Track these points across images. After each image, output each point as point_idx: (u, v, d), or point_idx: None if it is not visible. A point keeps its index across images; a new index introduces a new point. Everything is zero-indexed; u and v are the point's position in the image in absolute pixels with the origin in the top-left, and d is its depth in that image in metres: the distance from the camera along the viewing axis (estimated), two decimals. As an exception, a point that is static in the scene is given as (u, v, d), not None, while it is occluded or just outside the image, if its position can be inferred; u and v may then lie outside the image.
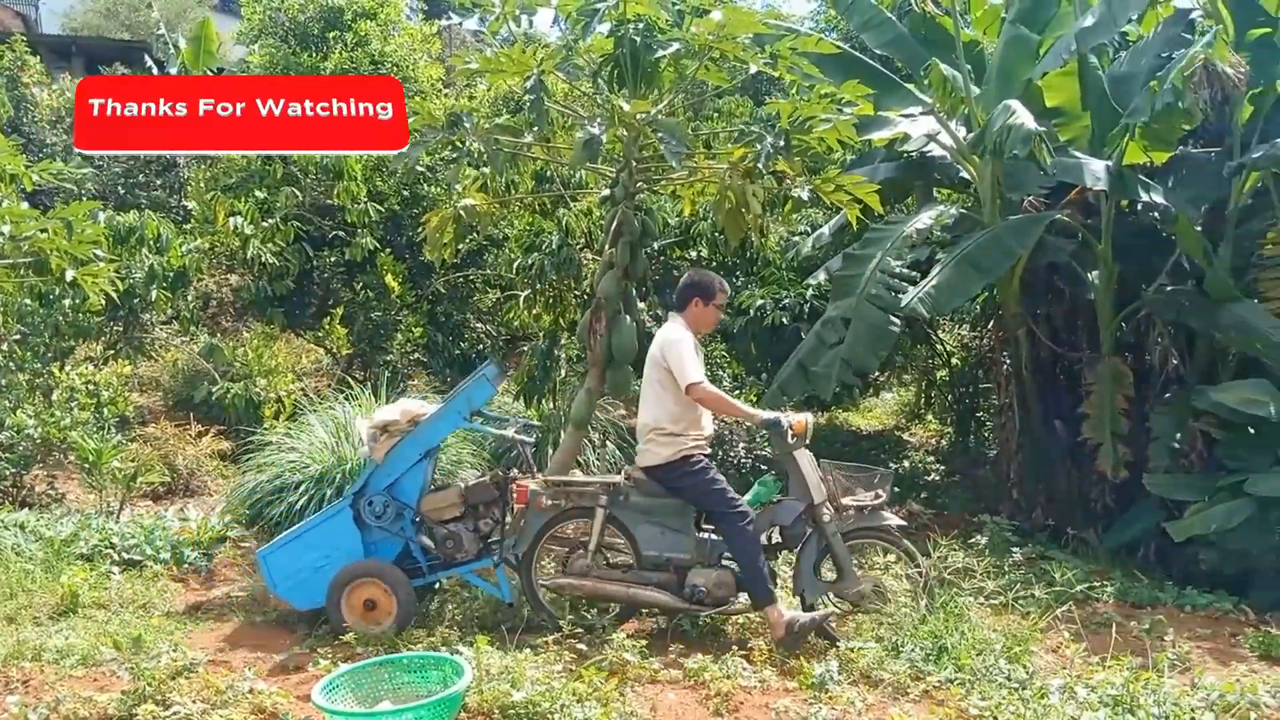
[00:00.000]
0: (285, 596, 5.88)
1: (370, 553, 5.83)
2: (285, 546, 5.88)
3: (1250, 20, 7.59)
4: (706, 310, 5.70)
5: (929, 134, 8.48)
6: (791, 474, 5.56)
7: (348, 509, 5.84)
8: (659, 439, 5.52)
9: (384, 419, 5.90)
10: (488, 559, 5.86)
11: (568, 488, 5.85)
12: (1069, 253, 8.28)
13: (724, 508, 5.45)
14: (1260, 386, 7.02)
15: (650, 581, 5.61)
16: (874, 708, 4.60)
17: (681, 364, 5.38)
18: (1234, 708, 4.49)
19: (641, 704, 4.60)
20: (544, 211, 9.72)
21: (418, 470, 5.85)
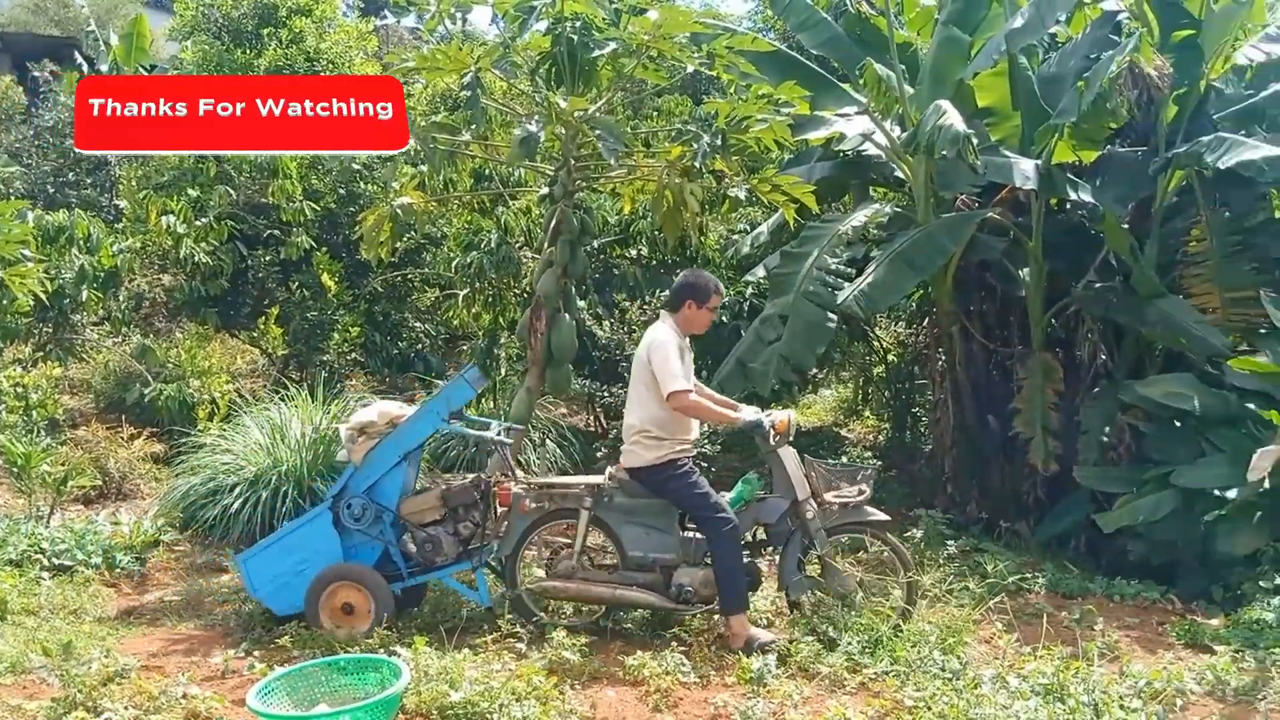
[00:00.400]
0: (265, 601, 5.79)
1: (350, 556, 5.76)
2: (265, 551, 5.80)
3: (1174, 22, 7.78)
4: (700, 313, 5.62)
5: (864, 133, 8.57)
6: (775, 471, 5.57)
7: (327, 512, 5.77)
8: (645, 441, 5.47)
9: (361, 421, 5.83)
10: (467, 563, 5.81)
11: (551, 490, 5.81)
12: (1000, 250, 8.42)
13: (708, 512, 5.41)
14: (1184, 380, 7.21)
15: (636, 582, 5.59)
16: (811, 700, 4.65)
17: (665, 370, 5.32)
18: (1161, 694, 4.61)
19: (581, 702, 4.61)
20: (483, 210, 9.67)
21: (397, 472, 5.79)
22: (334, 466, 7.70)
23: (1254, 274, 7.53)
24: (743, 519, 5.54)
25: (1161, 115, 7.85)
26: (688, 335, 5.65)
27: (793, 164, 9.47)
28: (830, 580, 5.56)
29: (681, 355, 5.44)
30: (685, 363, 5.47)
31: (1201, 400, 6.97)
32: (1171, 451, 7.10)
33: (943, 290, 8.67)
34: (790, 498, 5.51)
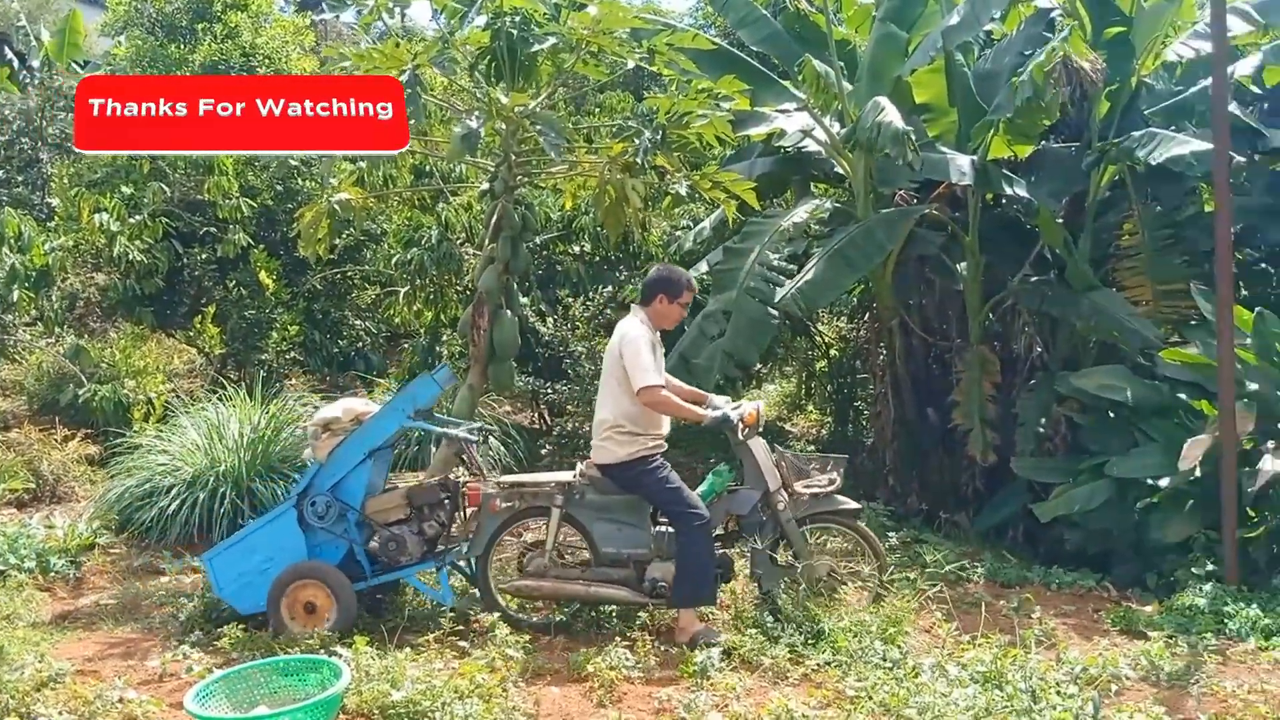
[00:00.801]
0: (230, 600, 5.69)
1: (314, 555, 5.68)
2: (230, 549, 5.71)
3: (1106, 19, 7.91)
4: (671, 307, 5.59)
5: (804, 129, 8.62)
6: (745, 463, 5.59)
7: (291, 510, 5.69)
8: (617, 437, 5.44)
9: (326, 417, 5.77)
10: (431, 562, 5.76)
11: (522, 488, 5.76)
12: (939, 245, 8.51)
13: (680, 507, 5.40)
14: (1117, 372, 7.35)
15: (609, 578, 5.57)
16: (754, 692, 4.68)
17: (636, 365, 5.29)
18: (1096, 680, 4.69)
19: (524, 699, 4.59)
20: (423, 206, 9.62)
21: (362, 470, 5.72)
22: (273, 467, 7.63)
23: (1184, 267, 7.69)
24: (715, 511, 5.55)
25: (1094, 111, 8.00)
26: (658, 330, 5.63)
27: (734, 160, 9.51)
28: (802, 570, 5.57)
29: (653, 350, 5.42)
30: (656, 357, 5.45)
31: (1134, 391, 7.11)
32: (1106, 442, 7.24)
33: (882, 285, 8.76)
34: (761, 489, 5.53)
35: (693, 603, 5.39)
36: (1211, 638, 5.43)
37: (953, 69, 8.18)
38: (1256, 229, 8.18)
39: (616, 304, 9.70)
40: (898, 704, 4.25)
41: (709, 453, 9.24)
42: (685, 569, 5.36)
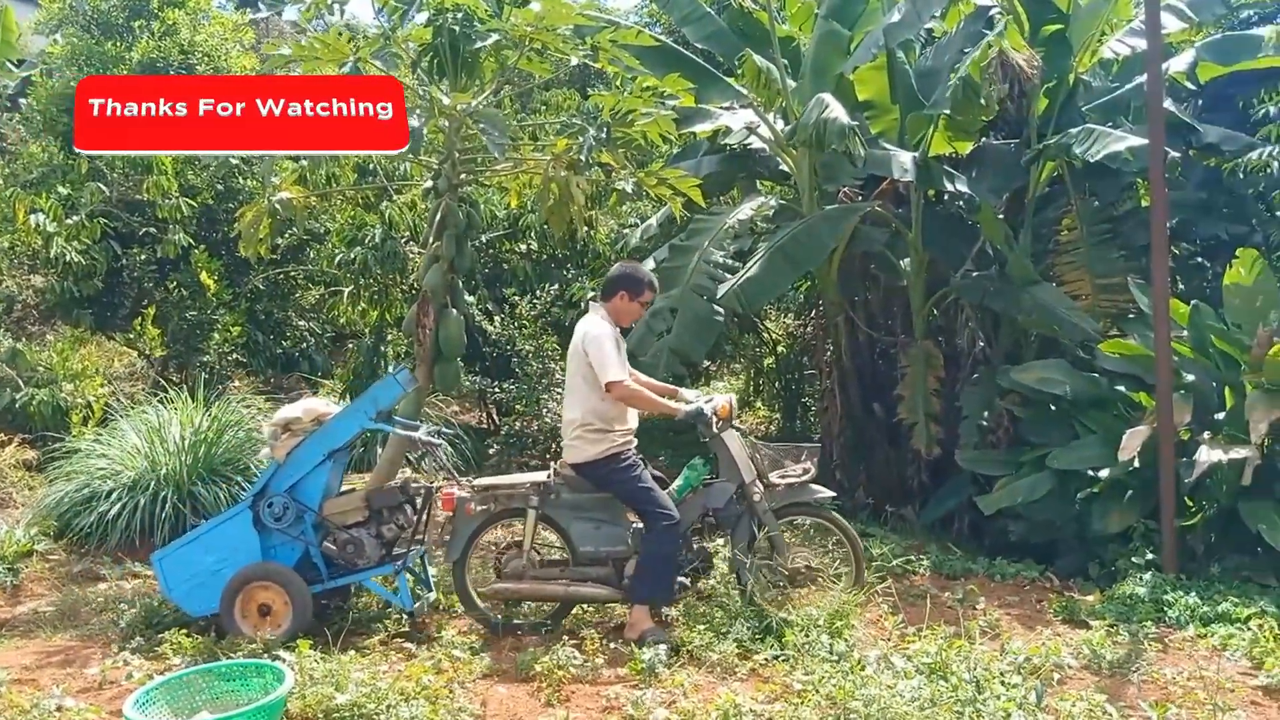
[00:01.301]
0: (180, 602, 5.62)
1: (269, 557, 5.62)
2: (181, 549, 5.63)
3: (1043, 16, 8.01)
4: (631, 305, 5.60)
5: (749, 126, 8.65)
6: (720, 456, 5.58)
7: (247, 510, 5.62)
8: (587, 435, 5.42)
9: (286, 417, 5.70)
10: (389, 566, 5.69)
11: (496, 490, 5.71)
12: (883, 242, 8.58)
13: (650, 505, 5.38)
14: (1056, 366, 7.45)
15: (588, 577, 5.57)
16: (703, 689, 4.68)
17: (602, 361, 5.28)
18: (1039, 669, 4.75)
19: (471, 700, 4.56)
20: (367, 205, 9.53)
21: (321, 472, 5.66)
22: (215, 469, 7.52)
23: (1122, 261, 7.82)
24: (691, 505, 5.55)
25: (1032, 108, 8.10)
26: (618, 327, 5.61)
27: (680, 158, 9.53)
28: (780, 560, 5.58)
29: (617, 345, 5.42)
30: (620, 352, 5.44)
31: (1073, 384, 7.21)
32: (1047, 434, 7.34)
33: (828, 282, 8.81)
34: (737, 481, 5.53)
35: (649, 600, 5.38)
36: (1151, 626, 5.54)
37: (894, 66, 8.24)
38: (1192, 223, 8.33)
39: (564, 302, 9.69)
40: (844, 696, 4.27)
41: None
42: (645, 566, 5.36)
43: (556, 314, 9.55)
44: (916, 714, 4.12)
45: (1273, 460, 6.23)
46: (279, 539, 5.64)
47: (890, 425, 8.52)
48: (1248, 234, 7.97)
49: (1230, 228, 8.08)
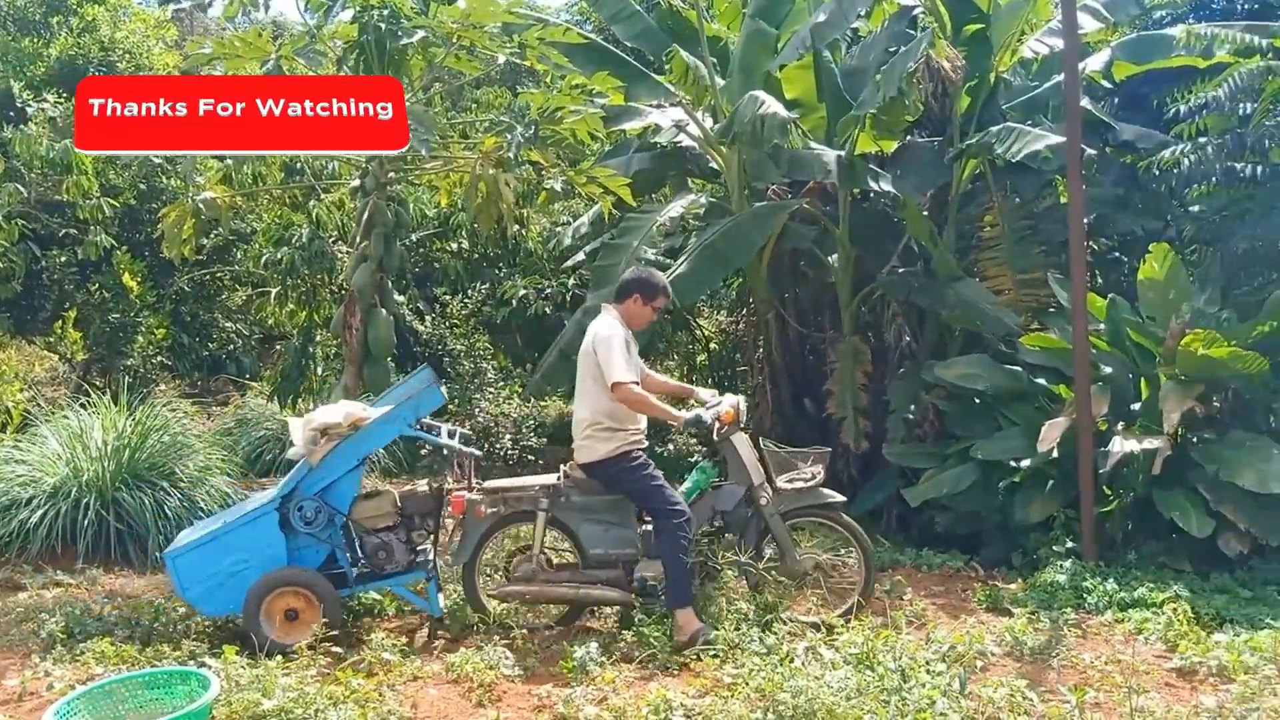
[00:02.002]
0: (195, 602, 5.48)
1: (294, 560, 5.49)
2: (199, 549, 5.45)
3: (965, 17, 8.15)
4: (644, 309, 5.56)
5: (678, 124, 8.69)
6: (729, 459, 5.57)
7: (274, 512, 5.46)
8: (598, 434, 5.40)
9: (325, 421, 5.55)
10: (419, 572, 5.61)
11: (506, 493, 5.65)
12: (811, 238, 8.67)
13: (662, 505, 5.36)
14: (980, 361, 7.60)
15: (598, 579, 5.54)
16: (634, 685, 4.71)
17: (610, 362, 5.25)
18: (963, 657, 4.85)
19: (401, 702, 4.54)
20: (294, 204, 9.41)
21: (354, 476, 5.58)
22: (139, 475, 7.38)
23: (1042, 256, 8.00)
24: (700, 507, 5.54)
25: (955, 106, 8.24)
26: (629, 329, 5.57)
27: (611, 156, 9.54)
28: (787, 563, 5.58)
29: (627, 347, 5.38)
30: (631, 355, 5.42)
31: (995, 378, 7.37)
32: (971, 427, 7.48)
33: (758, 279, 8.89)
34: (745, 484, 5.53)
35: (684, 600, 5.30)
36: (1071, 612, 5.67)
37: (820, 65, 8.34)
38: (1109, 219, 8.53)
39: (495, 301, 9.66)
40: (773, 689, 4.32)
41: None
42: (672, 570, 5.30)
43: (488, 313, 9.53)
44: (843, 704, 4.17)
45: (1185, 449, 6.41)
46: (304, 541, 5.53)
47: (820, 420, 8.62)
48: (1162, 229, 8.19)
49: (1145, 223, 8.29)
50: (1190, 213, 8.05)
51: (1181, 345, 6.29)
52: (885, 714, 4.13)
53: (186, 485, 7.46)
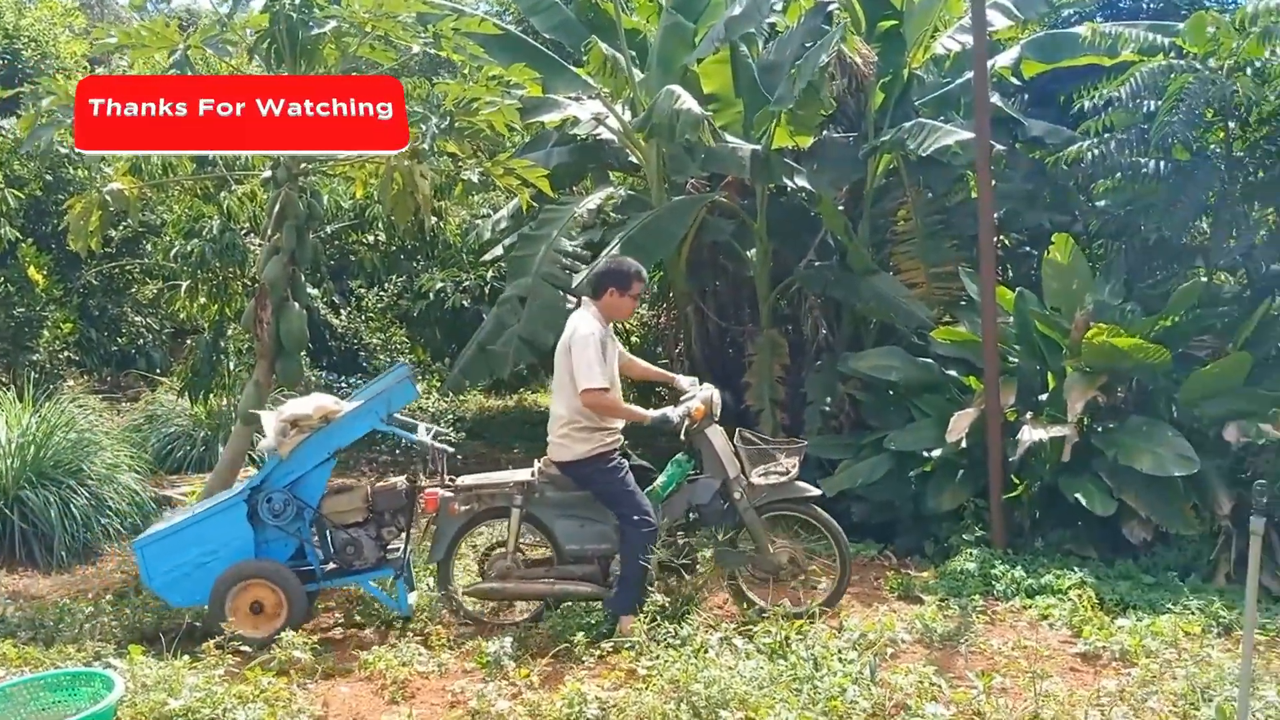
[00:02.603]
0: (160, 591, 5.44)
1: (262, 552, 5.46)
2: (166, 538, 5.44)
3: (878, 14, 8.28)
4: (623, 300, 5.48)
5: (597, 117, 8.69)
6: (704, 453, 5.55)
7: (242, 504, 5.45)
8: (575, 433, 5.34)
9: (295, 413, 5.49)
10: (387, 569, 5.57)
11: (480, 490, 5.58)
12: (730, 232, 8.74)
13: (630, 510, 5.32)
14: (893, 353, 7.72)
15: (573, 575, 5.52)
16: (550, 679, 4.70)
17: (580, 366, 5.18)
18: (874, 644, 4.92)
19: (312, 701, 4.49)
20: (205, 196, 9.21)
21: (324, 470, 5.54)
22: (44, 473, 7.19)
23: (954, 250, 8.15)
24: (675, 501, 5.53)
25: (870, 102, 8.35)
26: (611, 323, 5.53)
27: (531, 148, 9.50)
28: (762, 556, 5.59)
29: (603, 347, 5.28)
30: (609, 355, 5.32)
31: (907, 370, 7.49)
32: (885, 418, 7.60)
33: (677, 272, 8.92)
34: (721, 477, 5.51)
35: (632, 610, 5.26)
36: (980, 599, 5.79)
37: (737, 60, 8.39)
38: (1018, 213, 8.69)
39: (413, 294, 9.56)
40: (687, 679, 4.34)
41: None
42: (627, 576, 5.30)
43: (405, 306, 9.42)
44: (755, 693, 4.22)
45: (1089, 438, 6.57)
46: (273, 534, 5.50)
47: (739, 412, 8.66)
48: (1070, 223, 8.37)
49: (1054, 217, 8.46)
50: (1096, 207, 8.24)
51: (1086, 338, 6.45)
52: (797, 702, 4.18)
53: (94, 483, 7.31)
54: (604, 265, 5.71)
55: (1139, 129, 7.24)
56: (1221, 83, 6.79)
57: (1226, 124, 7.29)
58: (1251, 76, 6.84)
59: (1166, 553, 6.33)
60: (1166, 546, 6.37)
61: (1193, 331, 6.89)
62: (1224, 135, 7.36)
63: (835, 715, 4.11)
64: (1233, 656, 4.67)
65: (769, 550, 5.59)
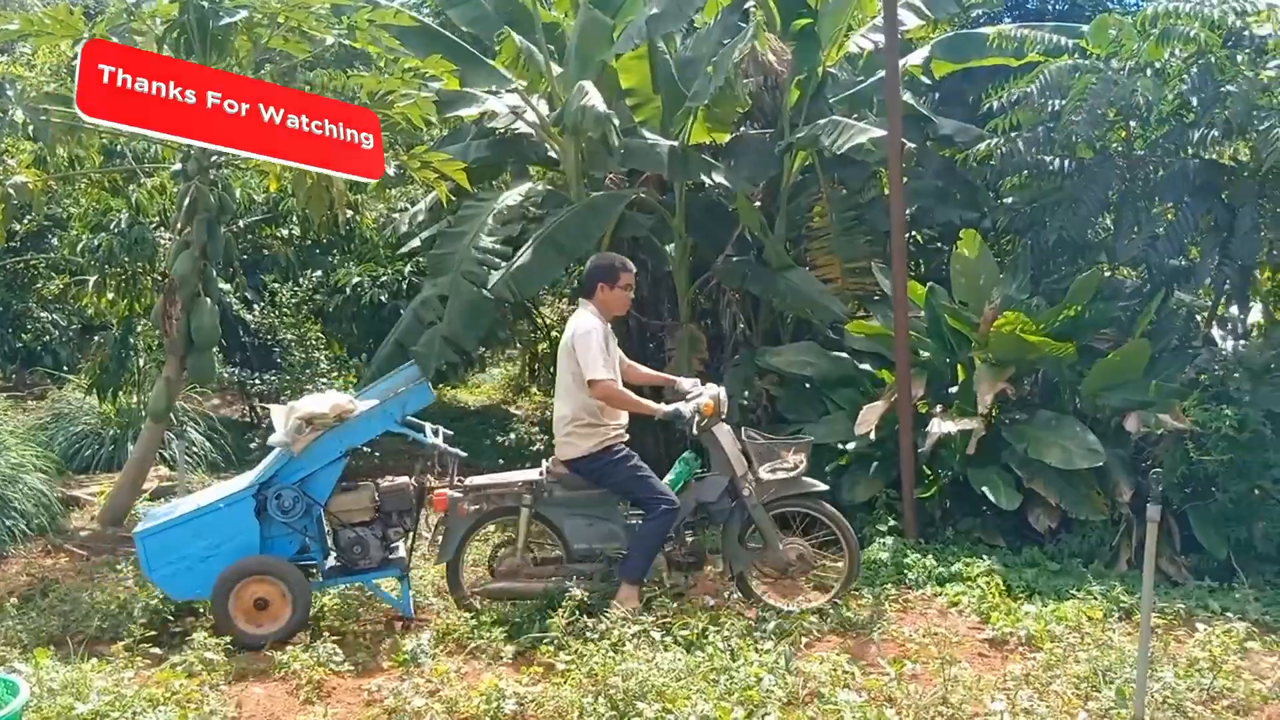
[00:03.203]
0: (161, 584, 5.37)
1: (267, 548, 5.41)
2: (169, 530, 5.34)
3: (794, 11, 8.35)
4: (615, 293, 5.52)
5: (514, 111, 8.66)
6: (712, 451, 5.55)
7: (250, 499, 5.38)
8: (579, 431, 5.37)
9: (311, 411, 5.40)
10: (393, 570, 5.53)
11: (488, 490, 5.56)
12: (649, 227, 8.76)
13: (648, 494, 5.37)
14: (808, 348, 7.84)
15: (582, 573, 5.51)
16: (468, 675, 4.70)
17: (587, 359, 5.22)
18: (789, 633, 5.01)
19: (225, 703, 4.42)
20: (114, 189, 9.00)
21: (335, 468, 5.50)
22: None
23: (868, 246, 8.28)
24: (683, 499, 5.52)
25: (785, 100, 8.44)
26: (611, 319, 5.56)
27: (449, 142, 9.44)
28: (770, 553, 5.60)
29: (605, 342, 5.34)
30: (610, 349, 5.38)
31: (822, 364, 7.61)
32: (801, 411, 7.71)
33: (597, 267, 8.90)
34: (729, 475, 5.52)
35: (638, 579, 5.38)
36: (892, 588, 5.92)
37: (655, 56, 8.42)
38: (930, 210, 8.86)
39: (328, 289, 9.44)
40: (604, 673, 4.37)
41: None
42: (640, 545, 5.37)
43: (321, 301, 9.30)
44: (673, 684, 4.26)
45: (999, 430, 6.74)
46: (278, 530, 5.45)
47: (659, 405, 8.71)
48: (979, 219, 8.55)
49: (963, 214, 8.63)
50: (1004, 204, 8.44)
51: (994, 327, 6.62)
52: (714, 693, 4.24)
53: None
54: (590, 263, 5.74)
55: (1045, 128, 7.42)
56: (1123, 83, 6.99)
57: (1128, 123, 7.50)
58: (1152, 77, 7.04)
59: (1071, 540, 6.52)
60: (1071, 534, 6.56)
61: (1095, 324, 7.09)
62: (1125, 134, 7.57)
63: (751, 704, 4.18)
64: (1133, 640, 4.83)
65: (778, 547, 5.62)
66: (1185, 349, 7.26)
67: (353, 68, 11.81)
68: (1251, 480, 6.25)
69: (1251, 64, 6.94)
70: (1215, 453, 6.13)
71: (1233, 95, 6.70)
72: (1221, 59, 6.91)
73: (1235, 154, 7.73)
